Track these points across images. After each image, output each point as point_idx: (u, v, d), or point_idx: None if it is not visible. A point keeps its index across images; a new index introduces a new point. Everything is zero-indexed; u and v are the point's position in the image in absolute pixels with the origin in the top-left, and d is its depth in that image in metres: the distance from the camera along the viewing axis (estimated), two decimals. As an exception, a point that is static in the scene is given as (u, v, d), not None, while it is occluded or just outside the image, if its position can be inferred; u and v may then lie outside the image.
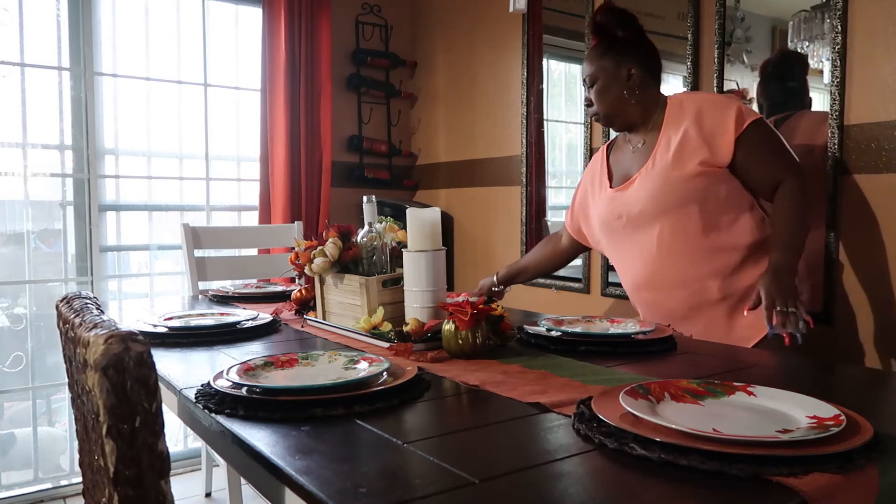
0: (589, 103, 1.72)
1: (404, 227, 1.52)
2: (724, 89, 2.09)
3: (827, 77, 1.81)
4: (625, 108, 1.68)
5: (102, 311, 0.92)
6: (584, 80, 1.72)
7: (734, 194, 1.59)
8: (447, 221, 3.33)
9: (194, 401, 0.99)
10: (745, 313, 1.47)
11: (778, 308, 1.38)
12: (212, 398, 0.98)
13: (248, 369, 1.08)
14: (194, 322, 1.58)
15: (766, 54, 2.03)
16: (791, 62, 1.94)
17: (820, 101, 1.87)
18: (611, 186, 1.74)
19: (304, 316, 1.71)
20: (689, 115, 1.59)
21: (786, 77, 1.98)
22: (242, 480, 2.33)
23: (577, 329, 1.45)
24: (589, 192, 1.84)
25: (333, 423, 0.89)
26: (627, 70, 1.66)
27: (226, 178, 3.16)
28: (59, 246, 2.81)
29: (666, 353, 1.35)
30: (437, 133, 3.43)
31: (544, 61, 2.82)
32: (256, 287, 2.33)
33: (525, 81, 2.83)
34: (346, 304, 1.55)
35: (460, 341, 1.25)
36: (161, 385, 0.77)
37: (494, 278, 2.08)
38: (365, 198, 1.60)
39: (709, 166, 1.55)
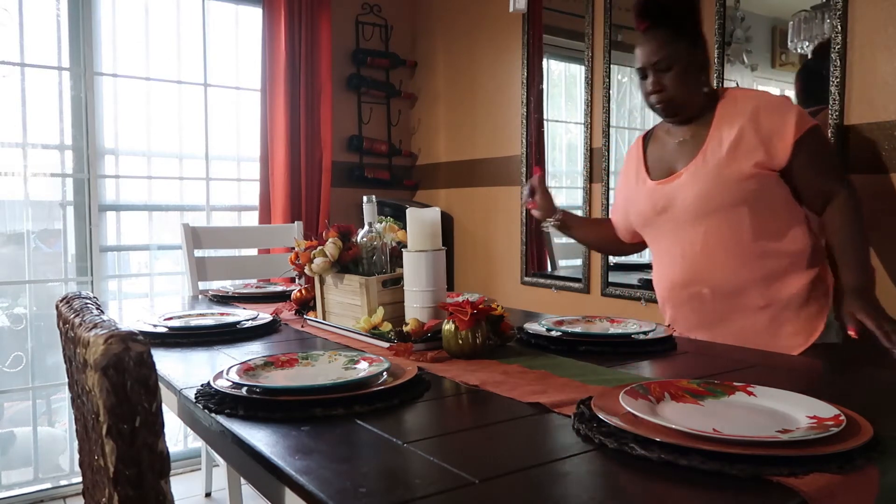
0: (659, 88, 1.58)
1: (404, 227, 1.52)
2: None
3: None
4: (696, 97, 1.59)
5: (102, 311, 0.92)
6: (651, 63, 1.58)
7: (785, 200, 1.54)
8: (447, 221, 3.33)
9: (194, 401, 0.99)
10: (854, 335, 1.40)
11: (887, 328, 1.34)
12: (212, 398, 0.98)
13: (248, 369, 1.08)
14: (194, 322, 1.58)
15: (766, 54, 2.03)
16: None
17: (820, 101, 1.87)
18: (651, 179, 1.67)
19: (304, 316, 1.71)
20: (744, 112, 1.52)
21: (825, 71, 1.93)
22: (242, 480, 2.33)
23: (577, 329, 1.45)
24: (623, 184, 1.78)
25: (333, 423, 0.89)
26: (703, 57, 1.59)
27: (226, 178, 3.16)
28: (59, 246, 2.81)
29: (666, 353, 1.35)
30: (437, 133, 3.43)
31: (544, 61, 2.82)
32: (256, 287, 2.33)
33: (525, 81, 2.83)
34: (346, 304, 1.55)
35: (460, 341, 1.25)
36: (161, 385, 0.77)
37: (559, 214, 1.90)
38: (365, 198, 1.60)
39: (763, 168, 1.49)
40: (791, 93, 1.98)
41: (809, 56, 1.93)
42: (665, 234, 1.65)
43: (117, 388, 0.68)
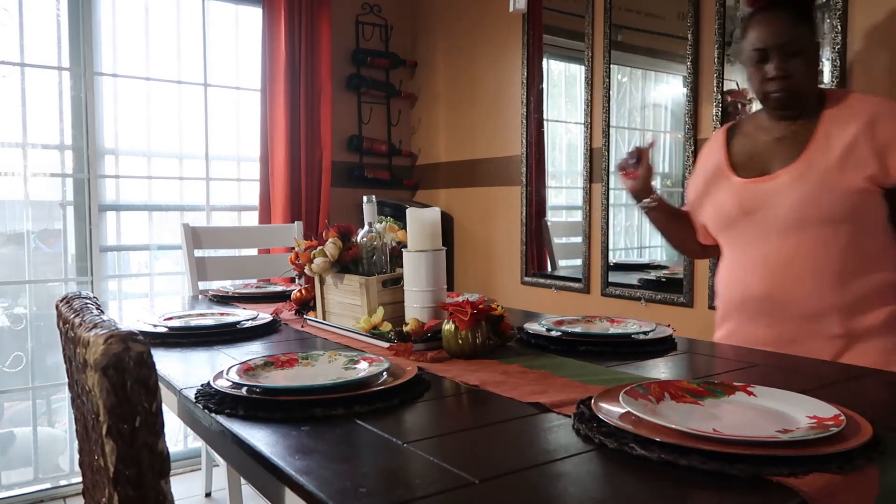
0: (784, 74, 1.40)
1: (404, 227, 1.52)
2: (725, 89, 2.09)
3: (827, 77, 1.81)
4: (815, 91, 1.43)
5: (102, 311, 0.92)
6: (778, 45, 1.39)
7: (884, 222, 1.40)
8: (447, 221, 3.33)
9: (194, 401, 0.99)
10: None
11: None
12: (212, 398, 0.98)
13: (248, 369, 1.08)
14: (194, 322, 1.58)
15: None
16: None
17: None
18: (737, 176, 1.51)
19: (304, 316, 1.71)
20: (859, 117, 1.36)
21: None
22: (242, 480, 2.33)
23: (577, 329, 1.45)
24: (699, 181, 1.63)
25: (333, 423, 0.89)
26: (819, 48, 1.45)
27: (226, 178, 3.16)
28: (59, 246, 2.81)
29: (666, 353, 1.35)
30: (437, 133, 3.43)
31: (544, 61, 2.82)
32: (256, 287, 2.33)
33: (525, 81, 2.83)
34: (346, 304, 1.55)
35: (460, 341, 1.25)
36: (161, 385, 0.77)
37: (656, 195, 1.67)
38: (365, 198, 1.60)
39: (873, 184, 1.34)
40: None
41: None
42: (747, 238, 1.49)
43: (117, 388, 0.68)
